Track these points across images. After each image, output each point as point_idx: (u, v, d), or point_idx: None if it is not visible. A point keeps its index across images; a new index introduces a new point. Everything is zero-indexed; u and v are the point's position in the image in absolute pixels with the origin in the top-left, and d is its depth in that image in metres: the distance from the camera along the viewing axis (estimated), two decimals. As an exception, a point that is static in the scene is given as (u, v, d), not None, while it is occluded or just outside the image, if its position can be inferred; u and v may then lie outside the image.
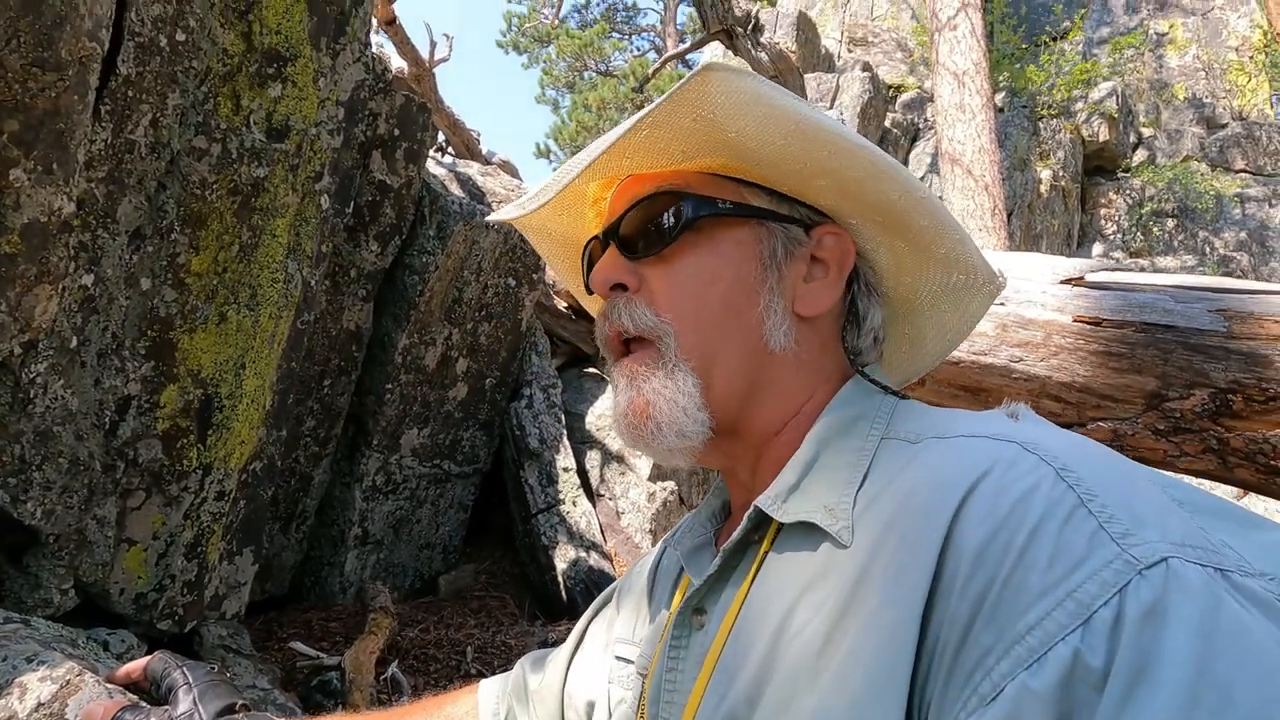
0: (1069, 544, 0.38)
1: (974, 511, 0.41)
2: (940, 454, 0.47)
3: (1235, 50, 10.61)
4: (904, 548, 0.43)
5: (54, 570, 1.57)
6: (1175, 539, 0.37)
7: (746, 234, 0.58)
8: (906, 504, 0.45)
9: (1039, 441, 0.44)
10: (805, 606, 0.46)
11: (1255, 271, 9.24)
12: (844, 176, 0.56)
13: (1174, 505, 0.40)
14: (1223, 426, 1.84)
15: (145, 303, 1.69)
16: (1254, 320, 1.86)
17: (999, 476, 0.42)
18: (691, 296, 0.56)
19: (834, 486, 0.50)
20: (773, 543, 0.52)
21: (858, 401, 0.56)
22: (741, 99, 0.51)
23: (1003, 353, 2.27)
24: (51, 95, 1.16)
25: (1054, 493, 0.40)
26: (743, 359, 0.56)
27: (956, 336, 0.65)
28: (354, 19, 2.10)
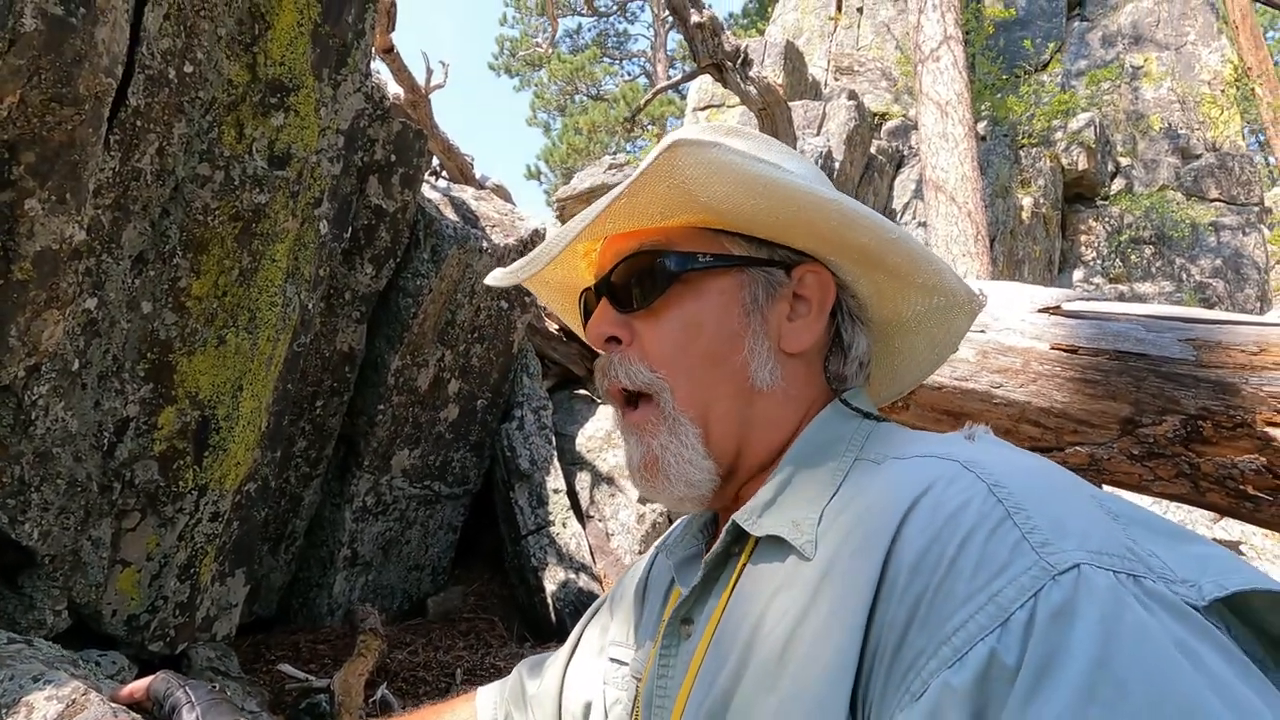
0: (993, 553, 0.41)
1: (913, 525, 0.45)
2: (895, 472, 0.51)
3: (1208, 84, 10.95)
4: (855, 558, 0.47)
5: (48, 591, 1.58)
6: (1092, 547, 0.40)
7: (729, 282, 0.61)
8: (860, 519, 0.49)
9: (978, 460, 0.47)
10: (772, 613, 0.50)
11: (1230, 298, 9.46)
12: (816, 227, 0.59)
13: (1106, 518, 0.43)
14: (1194, 452, 1.90)
15: (146, 326, 1.72)
16: (1221, 349, 1.93)
17: (938, 492, 0.46)
18: (680, 348, 0.60)
19: (803, 503, 0.54)
20: (750, 555, 0.56)
21: (834, 425, 0.59)
22: (709, 168, 0.55)
23: (983, 379, 2.33)
24: (68, 128, 1.21)
25: (984, 506, 0.43)
26: (733, 401, 0.59)
27: (944, 350, 0.68)
28: (355, 51, 2.16)
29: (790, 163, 0.64)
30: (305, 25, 1.97)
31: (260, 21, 1.86)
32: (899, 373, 0.71)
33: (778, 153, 0.65)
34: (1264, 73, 11.49)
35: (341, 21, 2.09)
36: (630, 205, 0.58)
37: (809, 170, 0.65)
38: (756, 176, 0.55)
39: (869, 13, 12.27)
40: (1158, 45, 11.40)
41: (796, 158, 0.66)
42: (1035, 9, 11.75)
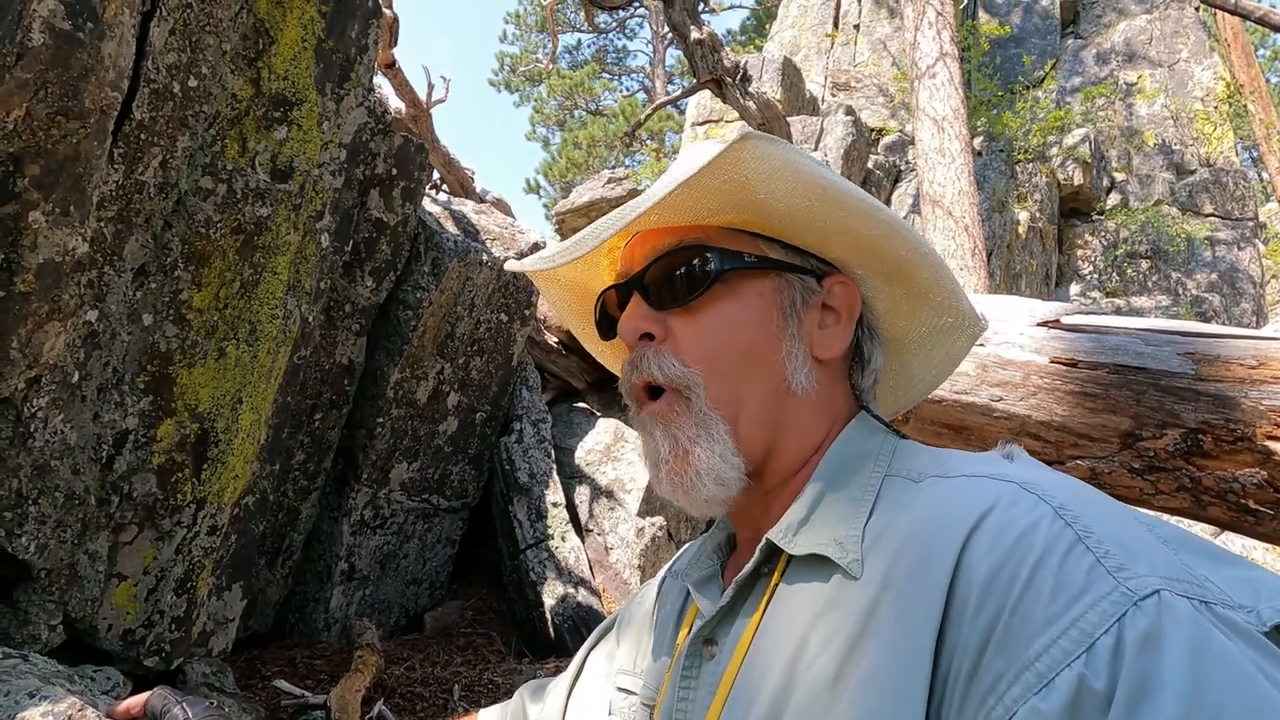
0: (1069, 577, 0.41)
1: (979, 546, 0.44)
2: (944, 491, 0.50)
3: (1201, 100, 11.07)
4: (913, 580, 0.46)
5: (44, 605, 1.56)
6: (1164, 573, 0.40)
7: (767, 285, 0.61)
8: (913, 538, 0.48)
9: (1036, 481, 0.47)
10: (818, 636, 0.49)
11: (1226, 312, 9.50)
12: (860, 234, 0.60)
13: (1159, 542, 0.43)
14: (1195, 465, 1.90)
15: (146, 338, 1.72)
16: (1220, 363, 1.94)
17: (1002, 513, 0.45)
18: (719, 346, 0.59)
19: (842, 520, 0.53)
20: (783, 574, 0.54)
21: (862, 439, 0.59)
22: (774, 164, 0.56)
23: (983, 392, 2.34)
24: (73, 141, 1.21)
25: (1053, 529, 0.43)
26: (766, 403, 0.59)
27: (941, 373, 0.69)
28: (358, 66, 2.18)
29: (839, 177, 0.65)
30: (309, 40, 1.99)
31: (264, 37, 1.88)
32: (895, 393, 0.71)
33: (819, 160, 0.68)
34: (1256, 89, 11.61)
35: (345, 37, 2.10)
36: (677, 198, 0.58)
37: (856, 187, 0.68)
38: (818, 177, 0.56)
39: (866, 29, 12.41)
40: (1151, 62, 11.53)
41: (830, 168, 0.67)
42: (1030, 26, 11.88)
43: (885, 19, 12.20)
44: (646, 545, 3.31)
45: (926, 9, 7.81)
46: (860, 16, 12.48)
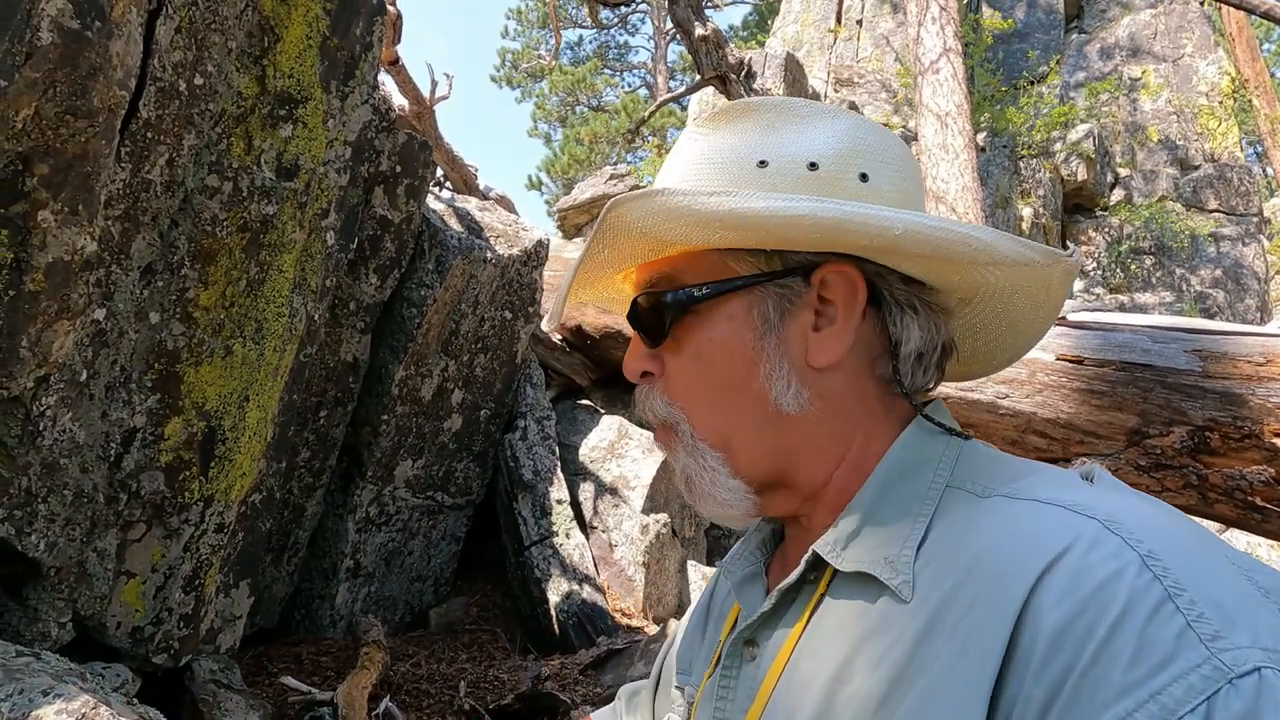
0: (1155, 641, 0.37)
1: (1053, 590, 0.40)
2: (1013, 519, 0.46)
3: (1205, 95, 11.02)
4: (973, 614, 0.42)
5: (53, 603, 1.57)
6: (1267, 644, 0.36)
7: (737, 306, 0.57)
8: (976, 569, 0.44)
9: (1122, 520, 0.42)
10: (863, 658, 0.46)
11: (1230, 308, 9.47)
12: (799, 238, 0.54)
13: (1262, 599, 0.39)
14: (1201, 463, 1.90)
15: (154, 336, 1.72)
16: (1228, 360, 1.94)
17: (1081, 556, 0.41)
18: (696, 381, 0.58)
19: (895, 537, 0.50)
20: (829, 585, 0.52)
21: (919, 445, 0.55)
22: (658, 217, 0.52)
23: (989, 389, 2.34)
24: (81, 140, 1.21)
25: (1139, 582, 0.39)
26: (757, 429, 0.57)
27: (1049, 310, 0.60)
28: (363, 63, 2.17)
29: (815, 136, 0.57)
30: (314, 38, 1.99)
31: (270, 34, 1.88)
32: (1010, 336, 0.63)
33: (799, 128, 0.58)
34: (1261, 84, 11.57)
35: (350, 34, 2.10)
36: (615, 255, 0.57)
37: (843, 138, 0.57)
38: (706, 213, 0.51)
39: (869, 25, 12.36)
40: (1155, 57, 11.48)
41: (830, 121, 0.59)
42: (1034, 21, 11.84)
43: (888, 14, 12.16)
44: (651, 542, 3.32)
45: (930, 4, 7.79)
46: (863, 12, 12.44)
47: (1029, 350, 0.66)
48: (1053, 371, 2.16)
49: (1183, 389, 1.93)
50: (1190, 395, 1.91)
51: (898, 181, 0.58)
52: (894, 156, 0.59)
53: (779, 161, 0.57)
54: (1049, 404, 2.16)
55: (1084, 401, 2.08)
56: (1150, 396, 1.96)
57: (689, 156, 0.60)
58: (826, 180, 0.56)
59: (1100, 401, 2.04)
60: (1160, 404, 1.96)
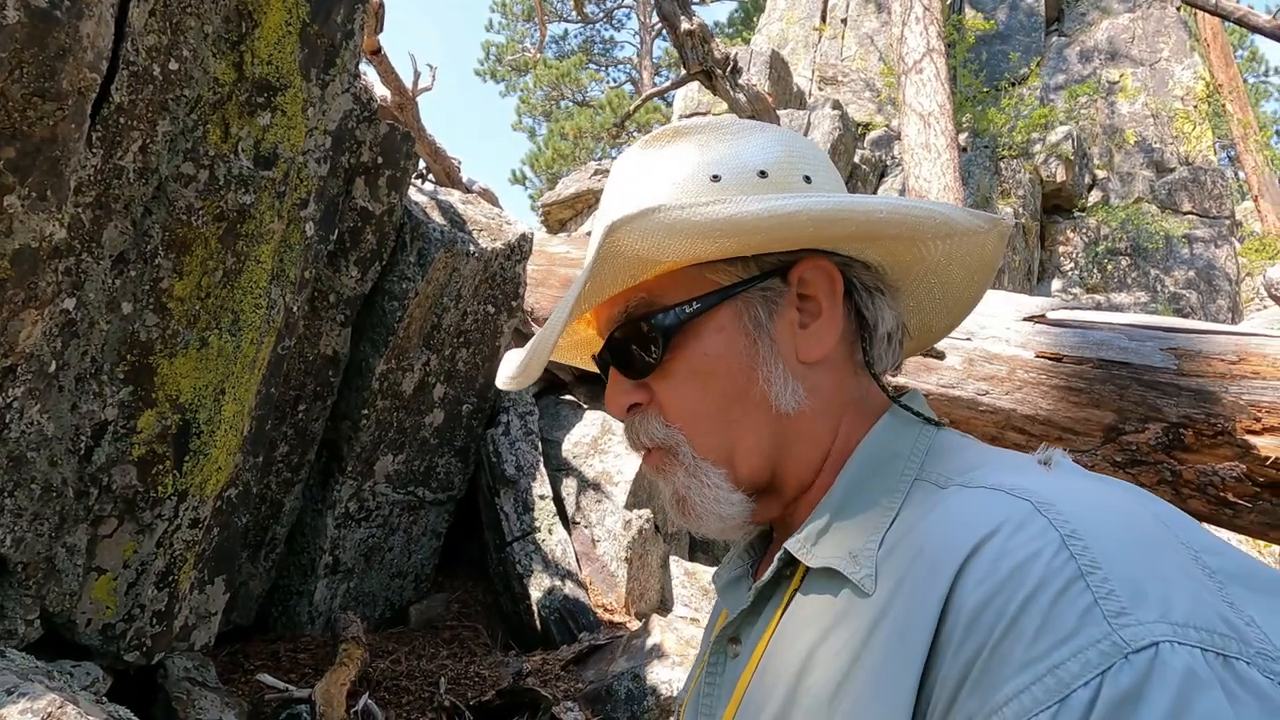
0: (1059, 618, 0.38)
1: (974, 574, 0.41)
2: (958, 506, 0.47)
3: (1181, 100, 11.22)
4: (910, 602, 0.44)
5: (20, 600, 1.53)
6: (1177, 619, 0.36)
7: (725, 316, 0.57)
8: (918, 557, 0.46)
9: (1054, 501, 0.43)
10: (824, 650, 0.48)
11: (1203, 309, 9.66)
12: (789, 237, 0.55)
13: (1200, 577, 0.39)
14: (1176, 459, 1.93)
15: (126, 327, 1.68)
16: (1201, 358, 1.97)
17: (1004, 539, 0.42)
18: (695, 399, 0.57)
19: (861, 531, 0.51)
20: (801, 581, 0.53)
21: (892, 438, 0.56)
22: (658, 235, 0.52)
23: (969, 386, 2.36)
24: (50, 124, 1.18)
25: (1055, 562, 0.39)
26: (758, 435, 0.57)
27: (983, 275, 0.64)
28: (344, 51, 2.14)
29: (751, 148, 0.59)
30: (293, 24, 1.95)
31: (247, 20, 1.84)
32: (946, 306, 0.66)
33: (733, 143, 0.60)
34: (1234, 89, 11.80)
35: (330, 21, 2.06)
36: (595, 287, 0.56)
37: (776, 147, 0.60)
38: (707, 222, 0.51)
39: (853, 24, 12.42)
40: (1133, 61, 11.66)
41: (759, 134, 0.61)
42: (1015, 23, 11.97)
43: (873, 13, 12.23)
44: (634, 538, 3.31)
45: (914, 4, 7.84)
46: (848, 11, 12.50)
47: (964, 319, 0.68)
48: (1032, 369, 2.18)
49: (1158, 386, 1.96)
50: (1165, 393, 1.94)
51: (832, 181, 0.61)
52: (821, 161, 0.62)
53: (731, 173, 0.58)
54: (1028, 401, 2.18)
55: (1062, 398, 2.10)
56: (1126, 394, 1.98)
57: (636, 180, 0.60)
58: (778, 185, 0.58)
59: (1078, 399, 2.07)
60: (1136, 401, 1.98)
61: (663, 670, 2.53)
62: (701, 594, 3.48)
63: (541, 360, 0.60)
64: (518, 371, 0.63)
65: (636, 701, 2.47)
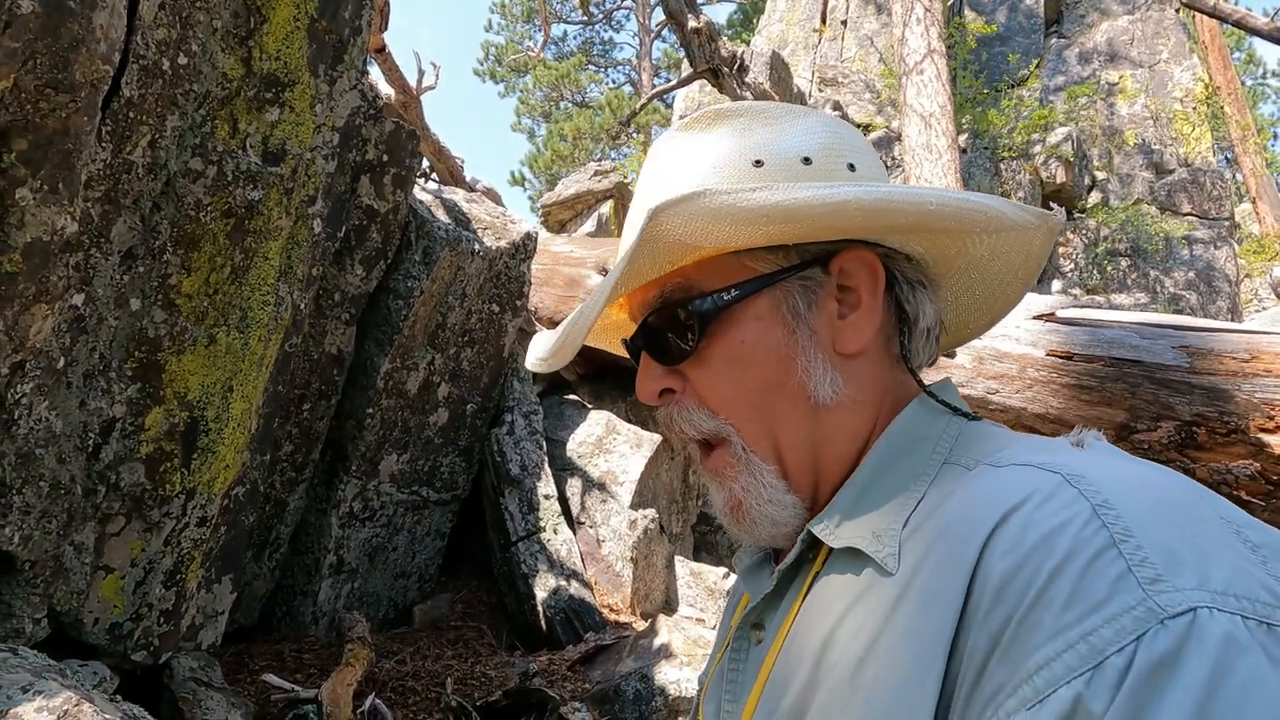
0: (1091, 585, 0.37)
1: (1000, 544, 0.41)
2: (987, 482, 0.46)
3: (1180, 101, 11.24)
4: (936, 575, 0.43)
5: (28, 598, 1.52)
6: (1216, 587, 0.35)
7: (764, 304, 0.56)
8: (944, 532, 0.45)
9: (1085, 473, 0.42)
10: (846, 627, 0.47)
11: (1203, 309, 9.68)
12: (835, 226, 0.54)
13: (1240, 549, 0.38)
14: (1188, 457, 1.93)
15: (134, 323, 1.67)
16: (1214, 356, 1.97)
17: (1032, 509, 0.41)
18: (736, 390, 0.56)
19: (886, 512, 0.50)
20: (824, 562, 0.53)
21: (920, 423, 0.55)
22: (702, 220, 0.51)
23: (979, 385, 2.35)
24: (62, 116, 1.16)
25: (1086, 531, 0.39)
26: (799, 426, 0.56)
27: (1027, 273, 0.62)
28: (352, 47, 2.13)
29: (795, 133, 0.58)
30: (302, 20, 1.94)
31: (256, 15, 1.83)
32: (987, 303, 0.65)
33: (776, 127, 0.59)
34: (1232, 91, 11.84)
35: (338, 17, 2.05)
36: (633, 272, 0.55)
37: (820, 132, 0.59)
38: (754, 209, 0.50)
39: (853, 25, 12.44)
40: (1132, 63, 11.69)
41: (802, 119, 0.60)
42: (1015, 25, 11.99)
43: (873, 15, 12.24)
44: (639, 538, 3.30)
45: (914, 5, 7.84)
46: (848, 12, 12.51)
47: (1003, 317, 0.67)
48: (1043, 367, 2.17)
49: (1170, 384, 1.95)
50: (1178, 391, 1.94)
51: (876, 170, 0.60)
52: (864, 147, 0.61)
53: (774, 159, 0.57)
54: (1039, 399, 2.18)
55: (1073, 397, 2.10)
56: (1138, 392, 1.98)
57: (676, 163, 0.59)
58: (822, 172, 0.57)
59: (1089, 397, 2.06)
60: (1148, 399, 1.98)
61: (671, 670, 2.52)
62: (706, 594, 3.47)
63: (576, 343, 0.59)
64: (550, 353, 0.62)
65: (645, 702, 2.45)
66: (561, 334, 0.61)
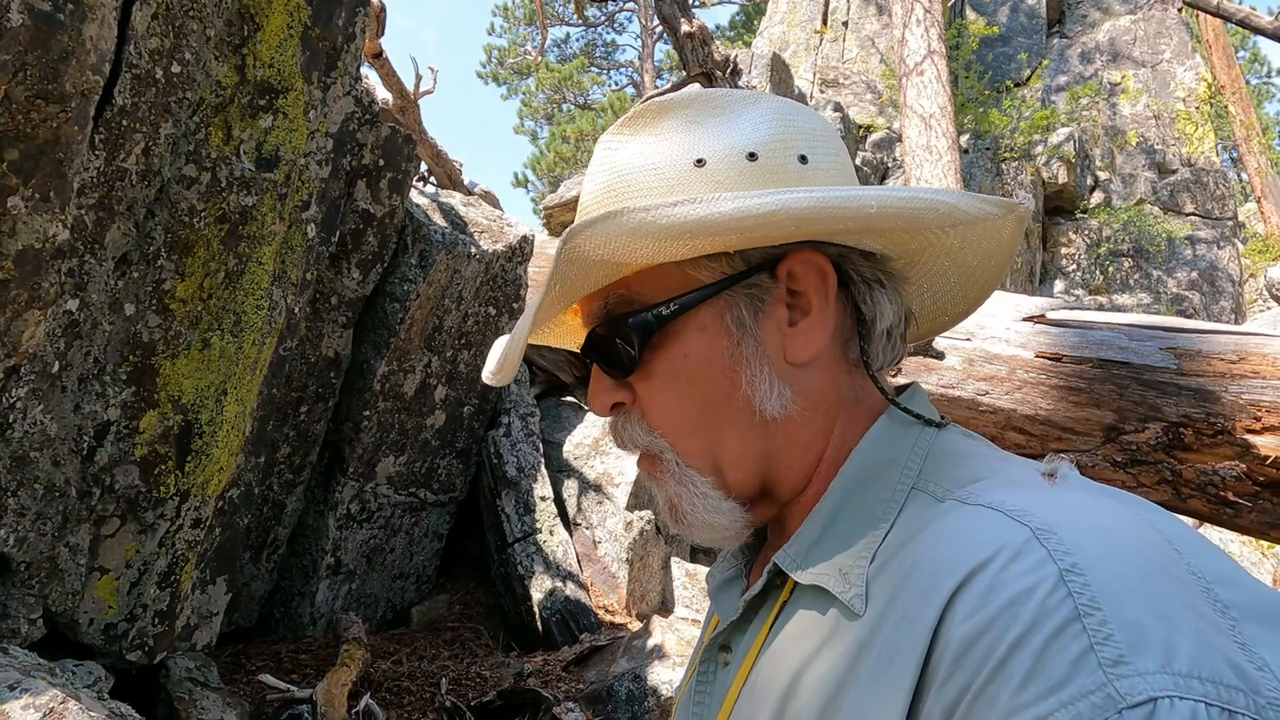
0: (1050, 663, 0.35)
1: (962, 608, 0.39)
2: (952, 525, 0.44)
3: (1183, 101, 11.21)
4: (899, 630, 0.42)
5: (23, 599, 1.54)
6: (1180, 668, 0.33)
7: (707, 315, 0.54)
8: (908, 580, 0.43)
9: (1055, 528, 0.40)
10: (812, 672, 0.46)
11: (1206, 310, 9.64)
12: (771, 234, 0.51)
13: (1209, 614, 0.36)
14: (1175, 459, 1.94)
15: (129, 328, 1.69)
16: (1202, 358, 1.97)
17: (997, 570, 0.39)
18: (674, 404, 0.55)
19: (853, 545, 0.49)
20: (790, 593, 0.52)
21: (889, 442, 0.53)
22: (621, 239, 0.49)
23: (969, 386, 2.36)
24: (53, 125, 1.19)
25: (1051, 600, 0.36)
26: (744, 441, 0.54)
27: (998, 260, 0.59)
28: (345, 54, 2.15)
29: (742, 125, 0.55)
30: (295, 28, 1.96)
31: (250, 23, 1.85)
32: (963, 290, 0.62)
33: (722, 119, 0.55)
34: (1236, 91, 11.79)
35: (332, 25, 2.08)
36: (567, 289, 0.53)
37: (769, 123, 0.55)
38: (674, 226, 0.47)
39: (854, 26, 12.44)
40: (1134, 63, 11.66)
41: (751, 108, 0.57)
42: (1016, 25, 11.97)
43: (873, 16, 12.24)
44: (635, 539, 3.32)
45: (915, 6, 7.84)
46: (849, 13, 12.51)
47: (981, 303, 0.64)
48: (1032, 369, 2.18)
49: (1158, 386, 1.96)
50: (1165, 392, 1.94)
51: (833, 158, 0.56)
52: (822, 133, 0.57)
53: (717, 157, 0.54)
54: (1028, 401, 2.18)
55: (1062, 398, 2.11)
56: (1126, 393, 1.99)
57: (617, 167, 0.56)
58: (769, 169, 0.54)
59: (1078, 398, 2.07)
60: (1136, 401, 1.98)
61: (664, 671, 2.53)
62: (702, 595, 3.49)
63: (516, 360, 0.58)
64: (496, 368, 0.61)
65: (637, 702, 2.47)
66: (502, 351, 0.59)
